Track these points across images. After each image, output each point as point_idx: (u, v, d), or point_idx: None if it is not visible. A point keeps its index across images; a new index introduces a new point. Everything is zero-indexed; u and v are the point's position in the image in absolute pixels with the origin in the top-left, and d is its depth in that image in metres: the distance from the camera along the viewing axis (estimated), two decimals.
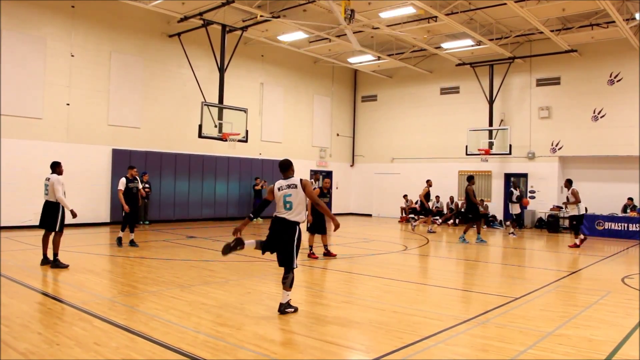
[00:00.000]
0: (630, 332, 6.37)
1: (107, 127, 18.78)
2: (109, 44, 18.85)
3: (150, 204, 19.50)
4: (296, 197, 6.93)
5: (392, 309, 7.38)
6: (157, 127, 20.24)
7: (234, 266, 10.77)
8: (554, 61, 22.26)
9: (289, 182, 7.02)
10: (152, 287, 8.35)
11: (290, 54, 24.62)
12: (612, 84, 21.05)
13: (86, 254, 11.16)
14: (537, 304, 7.96)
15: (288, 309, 6.89)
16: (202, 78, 20.33)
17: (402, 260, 12.94)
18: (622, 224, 18.87)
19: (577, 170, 22.31)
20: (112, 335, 5.73)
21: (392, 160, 27.52)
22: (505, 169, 23.82)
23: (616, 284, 9.69)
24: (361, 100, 29.27)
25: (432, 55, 24.86)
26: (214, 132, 18.43)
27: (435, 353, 5.48)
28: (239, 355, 5.23)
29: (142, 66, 19.78)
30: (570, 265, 12.42)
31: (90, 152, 18.21)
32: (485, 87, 23.39)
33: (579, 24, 19.63)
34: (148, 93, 19.94)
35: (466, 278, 10.88)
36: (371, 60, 24.65)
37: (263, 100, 24.28)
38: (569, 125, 22.05)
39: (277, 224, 7.00)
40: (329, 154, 27.87)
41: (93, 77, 18.43)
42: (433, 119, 26.04)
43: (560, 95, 22.39)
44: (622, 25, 17.91)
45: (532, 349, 5.61)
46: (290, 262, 6.86)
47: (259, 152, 23.95)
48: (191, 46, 20.41)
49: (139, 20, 19.55)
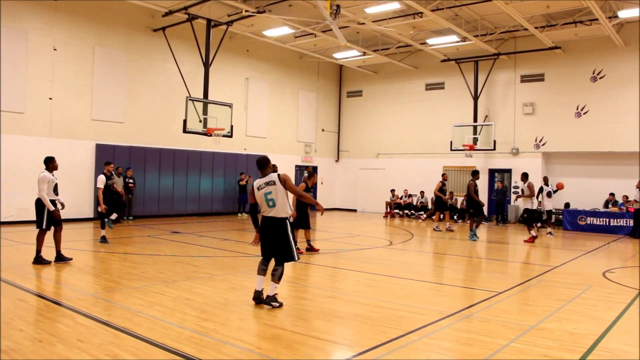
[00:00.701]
0: (611, 325, 6.46)
1: (90, 121, 18.61)
2: (93, 38, 18.66)
3: (134, 199, 19.37)
4: (277, 193, 6.88)
5: (376, 303, 7.41)
6: (142, 122, 20.10)
7: (218, 262, 10.75)
8: (538, 58, 22.44)
9: (267, 180, 6.96)
10: (136, 283, 8.31)
11: (275, 49, 24.54)
12: (595, 80, 21.26)
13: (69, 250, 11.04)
14: (520, 298, 8.04)
15: (274, 302, 6.88)
16: (187, 73, 20.20)
17: (387, 255, 12.98)
18: (603, 219, 19.08)
19: (560, 166, 22.56)
20: (95, 332, 5.69)
21: (377, 155, 27.59)
22: (489, 164, 23.98)
23: (598, 278, 9.81)
24: (346, 95, 29.28)
25: (418, 51, 24.93)
26: (198, 127, 18.32)
27: (419, 347, 5.51)
28: (223, 351, 5.22)
29: (126, 60, 19.61)
30: (552, 260, 12.55)
31: (73, 147, 18.02)
32: (470, 83, 23.51)
33: (562, 21, 19.79)
34: (132, 88, 19.78)
35: (450, 273, 10.95)
36: (357, 56, 24.66)
37: (248, 96, 24.20)
38: (553, 121, 22.24)
39: (268, 225, 6.99)
40: (314, 149, 27.87)
41: (76, 72, 18.24)
42: (418, 114, 26.13)
43: (544, 92, 22.57)
44: (604, 23, 18.08)
45: (515, 342, 5.67)
46: (291, 256, 6.96)
47: (244, 148, 23.87)
48: (176, 41, 20.26)
49: (123, 14, 19.37)
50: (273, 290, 6.91)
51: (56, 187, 10.07)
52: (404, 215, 24.85)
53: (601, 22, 18.00)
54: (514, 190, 22.85)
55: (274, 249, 7.00)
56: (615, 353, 5.45)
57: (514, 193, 22.76)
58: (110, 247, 12.32)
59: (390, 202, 25.54)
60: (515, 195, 18.81)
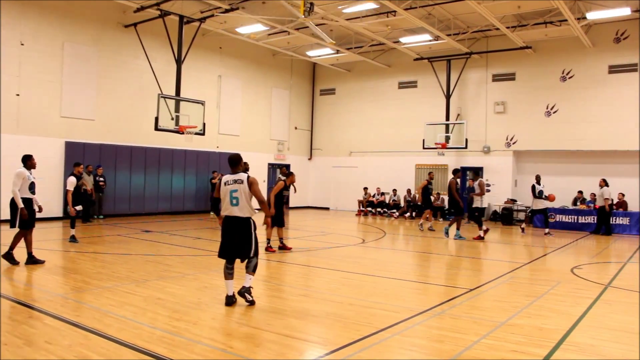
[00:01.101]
0: (578, 320, 6.59)
1: (59, 118, 18.27)
2: (62, 33, 18.30)
3: (104, 197, 19.09)
4: (242, 193, 6.83)
5: (349, 301, 7.43)
6: (112, 119, 19.80)
7: (190, 260, 10.66)
8: (510, 57, 22.73)
9: (235, 178, 6.91)
10: (106, 283, 8.19)
11: (248, 47, 24.42)
12: (564, 80, 21.62)
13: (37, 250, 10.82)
14: (491, 295, 8.14)
15: (249, 294, 6.85)
16: (159, 70, 19.97)
17: (360, 253, 13.03)
18: (572, 217, 19.45)
19: (530, 164, 22.90)
20: (64, 333, 5.59)
21: (350, 153, 27.65)
22: (461, 162, 24.21)
23: (566, 275, 9.99)
24: (320, 93, 29.28)
25: (391, 49, 25.04)
26: (170, 124, 18.14)
27: (392, 345, 5.54)
28: (196, 351, 5.18)
29: (97, 57, 19.30)
30: (523, 257, 12.74)
31: (41, 145, 17.63)
32: (443, 82, 23.70)
33: (533, 21, 20.08)
34: (103, 84, 19.47)
35: (422, 270, 11.04)
36: (330, 54, 24.67)
37: (221, 93, 24.03)
38: (523, 120, 22.57)
39: (230, 225, 6.91)
40: (287, 147, 27.81)
41: (45, 67, 17.87)
42: (391, 112, 26.26)
43: (515, 91, 22.89)
44: (573, 24, 18.40)
45: (485, 338, 5.74)
46: (248, 252, 6.90)
47: (217, 145, 23.71)
48: (148, 37, 20.00)
49: (93, 9, 19.05)
50: (248, 282, 6.89)
51: (32, 185, 9.84)
52: (376, 213, 24.95)
53: (570, 23, 18.32)
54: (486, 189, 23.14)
55: (237, 249, 6.88)
56: (582, 347, 5.56)
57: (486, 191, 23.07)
58: (80, 246, 12.13)
59: (363, 200, 25.63)
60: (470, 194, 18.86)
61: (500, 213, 22.04)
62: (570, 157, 21.62)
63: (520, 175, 23.20)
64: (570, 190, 20.79)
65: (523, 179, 23.05)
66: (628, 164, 20.30)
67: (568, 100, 21.46)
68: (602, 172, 19.61)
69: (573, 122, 21.28)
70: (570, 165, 21.73)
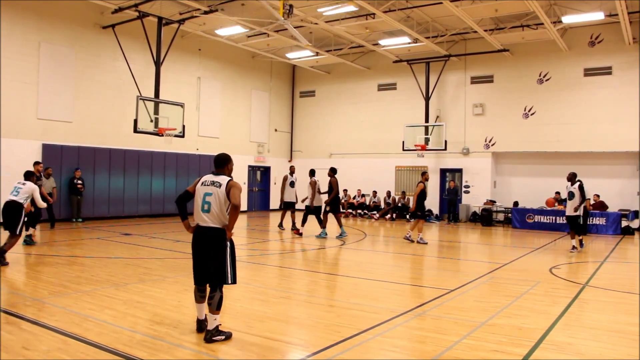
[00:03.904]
0: (557, 319, 6.67)
1: (36, 120, 18.00)
2: (38, 33, 18.04)
3: (83, 200, 18.83)
4: (216, 198, 5.68)
5: (329, 303, 7.44)
6: (90, 121, 19.56)
7: (170, 263, 10.58)
8: (488, 60, 22.96)
9: (215, 179, 5.78)
10: (85, 287, 8.09)
11: (228, 49, 24.33)
12: (541, 82, 21.91)
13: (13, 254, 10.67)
14: (471, 296, 8.21)
15: (217, 336, 5.57)
16: (138, 71, 19.79)
17: (340, 254, 13.05)
18: (550, 217, 19.69)
19: (508, 165, 23.17)
20: (42, 338, 5.51)
21: (330, 155, 27.68)
22: (441, 164, 24.39)
23: (545, 274, 10.11)
24: (299, 95, 29.28)
25: (370, 51, 25.14)
26: (149, 127, 18.00)
27: (373, 346, 5.56)
28: (176, 354, 5.15)
29: (74, 58, 19.06)
30: (502, 258, 12.87)
31: (17, 147, 17.35)
32: (422, 84, 23.85)
33: (510, 24, 20.30)
34: (80, 86, 19.24)
35: (402, 271, 11.09)
36: (309, 56, 24.68)
37: (200, 95, 23.91)
38: (502, 122, 22.81)
39: (202, 237, 5.76)
40: (267, 149, 27.75)
41: (20, 68, 17.57)
42: (371, 114, 26.35)
43: (493, 93, 23.13)
44: (549, 28, 18.65)
45: (466, 338, 5.79)
46: (224, 277, 5.71)
47: (197, 148, 23.58)
48: (126, 38, 19.81)
49: (70, 9, 18.81)
50: (213, 323, 5.58)
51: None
52: (357, 215, 25.01)
53: (546, 26, 18.56)
54: (465, 190, 23.34)
55: (207, 268, 5.72)
56: (561, 346, 5.64)
57: (465, 192, 23.32)
58: (58, 250, 11.97)
59: (343, 202, 25.66)
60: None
61: (479, 214, 22.23)
62: (547, 158, 21.90)
63: (499, 176, 23.45)
64: (548, 191, 21.03)
65: (502, 180, 23.33)
66: (603, 165, 20.66)
67: (545, 102, 21.75)
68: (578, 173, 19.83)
69: (550, 124, 21.57)
70: (547, 167, 22.02)
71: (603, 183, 20.25)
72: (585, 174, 19.85)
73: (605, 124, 20.32)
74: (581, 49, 21.01)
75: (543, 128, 21.73)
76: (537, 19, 18.65)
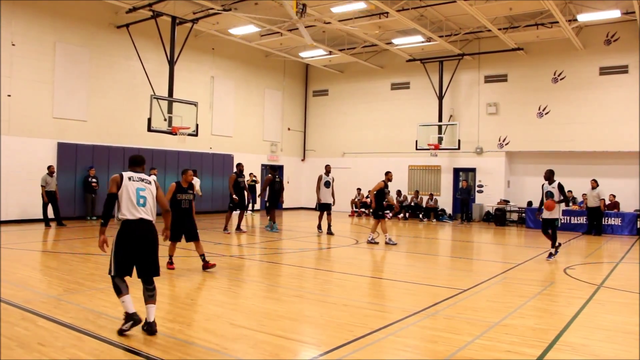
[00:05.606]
0: (571, 320, 6.61)
1: (51, 119, 18.18)
2: (53, 33, 18.21)
3: (97, 199, 18.98)
4: (150, 193, 5.86)
5: (342, 302, 7.43)
6: (105, 120, 19.73)
7: (184, 261, 10.63)
8: (501, 59, 22.82)
9: (142, 177, 5.86)
10: (99, 284, 8.15)
11: (241, 48, 24.39)
12: (556, 82, 21.74)
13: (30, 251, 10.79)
14: (484, 296, 8.16)
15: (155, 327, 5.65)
16: (152, 71, 19.91)
17: (353, 254, 13.03)
18: (564, 217, 19.49)
19: (522, 165, 23.02)
20: (57, 335, 5.56)
21: (343, 154, 27.67)
22: (454, 163, 24.29)
23: (559, 275, 10.03)
24: (312, 94, 29.29)
25: (383, 50, 25.08)
26: (163, 125, 18.11)
27: (386, 345, 5.55)
28: (189, 352, 5.17)
29: (89, 57, 19.21)
30: (516, 258, 12.78)
31: (33, 146, 17.57)
32: (435, 83, 23.76)
33: (525, 23, 20.17)
34: (95, 85, 19.40)
35: (416, 271, 11.05)
36: (323, 55, 24.67)
37: (213, 94, 23.99)
38: (516, 121, 22.66)
39: (139, 230, 5.74)
40: (280, 148, 27.80)
41: (36, 68, 17.77)
42: (384, 114, 26.30)
43: (507, 92, 22.98)
44: (565, 26, 18.50)
45: (479, 339, 5.75)
46: (158, 269, 5.97)
47: (210, 147, 23.67)
48: (140, 38, 19.93)
49: (84, 9, 18.97)
50: (153, 315, 5.72)
51: None
52: (370, 214, 24.92)
53: (561, 24, 18.41)
54: (478, 190, 23.21)
55: (143, 261, 5.80)
56: (575, 347, 5.58)
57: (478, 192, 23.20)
58: (72, 247, 12.07)
59: (356, 201, 25.64)
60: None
61: (493, 214, 22.10)
62: (561, 157, 21.71)
63: (512, 176, 23.31)
64: None
65: (515, 179, 23.17)
66: (619, 165, 20.46)
67: (560, 102, 21.57)
68: (592, 173, 19.72)
69: (565, 123, 21.39)
70: (561, 166, 21.73)
71: (619, 183, 20.05)
72: (600, 174, 19.73)
73: (621, 124, 20.11)
74: (597, 48, 20.81)
75: (557, 127, 21.56)
76: (552, 17, 18.50)
